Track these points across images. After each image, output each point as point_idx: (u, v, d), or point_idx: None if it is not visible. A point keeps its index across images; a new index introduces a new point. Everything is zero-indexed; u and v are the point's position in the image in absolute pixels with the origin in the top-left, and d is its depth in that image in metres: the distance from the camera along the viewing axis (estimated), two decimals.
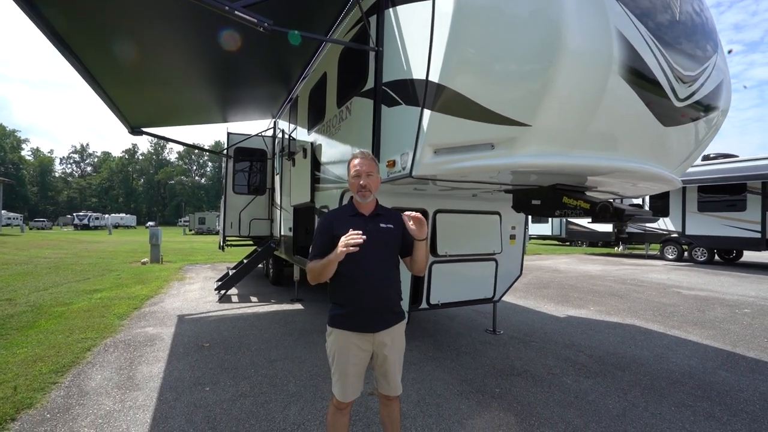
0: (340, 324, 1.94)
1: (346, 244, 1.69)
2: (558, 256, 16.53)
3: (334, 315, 1.97)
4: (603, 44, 1.99)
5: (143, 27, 4.12)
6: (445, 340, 4.76)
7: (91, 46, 4.22)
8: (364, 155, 1.96)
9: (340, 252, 1.71)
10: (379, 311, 1.92)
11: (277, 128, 7.83)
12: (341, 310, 1.94)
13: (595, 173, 2.41)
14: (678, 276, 10.63)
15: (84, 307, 6.00)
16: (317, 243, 1.97)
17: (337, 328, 1.94)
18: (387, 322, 1.95)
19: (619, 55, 2.01)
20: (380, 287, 1.90)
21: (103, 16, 3.80)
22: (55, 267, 10.64)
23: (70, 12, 3.56)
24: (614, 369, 3.94)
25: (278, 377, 3.59)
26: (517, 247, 4.95)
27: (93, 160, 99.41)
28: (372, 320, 1.91)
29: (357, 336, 1.91)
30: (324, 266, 1.82)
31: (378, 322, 1.92)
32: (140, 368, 3.73)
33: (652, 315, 6.19)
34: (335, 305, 1.98)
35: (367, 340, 1.93)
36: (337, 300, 1.97)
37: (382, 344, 1.94)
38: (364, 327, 1.91)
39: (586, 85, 2.03)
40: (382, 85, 2.90)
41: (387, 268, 1.94)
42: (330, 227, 1.94)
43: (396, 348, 1.99)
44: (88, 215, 54.51)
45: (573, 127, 2.13)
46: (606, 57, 2.00)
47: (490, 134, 2.18)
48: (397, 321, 2.00)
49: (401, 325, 2.03)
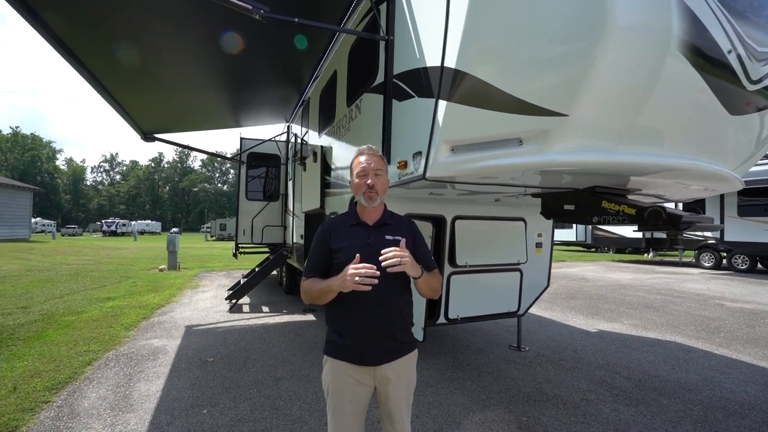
0: (335, 353, 1.63)
1: (357, 280, 1.42)
2: (584, 263, 15.77)
3: (330, 341, 1.67)
4: (660, 17, 1.63)
5: (149, 31, 3.99)
6: (464, 358, 4.38)
7: (96, 52, 4.10)
8: (371, 150, 1.67)
9: (348, 283, 1.43)
10: (380, 340, 1.60)
11: (290, 133, 7.66)
12: (337, 337, 1.63)
13: (643, 172, 2.03)
14: (718, 286, 9.85)
15: (94, 316, 5.90)
16: (313, 257, 1.68)
17: (333, 358, 1.64)
18: (390, 353, 1.62)
19: (679, 30, 1.64)
20: (383, 312, 1.58)
21: (106, 21, 3.67)
22: (76, 274, 10.76)
23: (71, 17, 3.43)
24: (658, 395, 3.47)
25: (282, 399, 3.30)
26: (544, 256, 4.54)
27: (122, 169, 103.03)
28: (371, 351, 1.59)
29: (354, 368, 1.60)
30: (322, 292, 1.54)
31: (378, 353, 1.60)
32: (138, 386, 3.51)
33: (695, 331, 5.62)
34: (331, 330, 1.68)
35: (367, 373, 1.61)
36: (333, 325, 1.67)
37: (384, 379, 1.62)
38: (362, 358, 1.59)
39: (638, 67, 1.67)
40: (393, 78, 2.61)
41: (392, 290, 1.62)
42: (327, 238, 1.66)
43: (402, 385, 1.65)
44: (115, 222, 56.29)
45: (619, 118, 1.77)
46: (664, 33, 1.64)
47: (517, 127, 1.84)
48: (403, 352, 1.66)
49: (410, 357, 1.69)
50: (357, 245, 1.60)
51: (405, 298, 1.70)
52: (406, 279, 1.73)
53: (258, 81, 5.56)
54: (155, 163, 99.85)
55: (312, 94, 5.60)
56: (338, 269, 1.59)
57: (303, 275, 1.68)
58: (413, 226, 1.75)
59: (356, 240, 1.62)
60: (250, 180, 8.09)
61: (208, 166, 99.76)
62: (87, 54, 3.99)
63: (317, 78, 5.30)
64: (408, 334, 1.71)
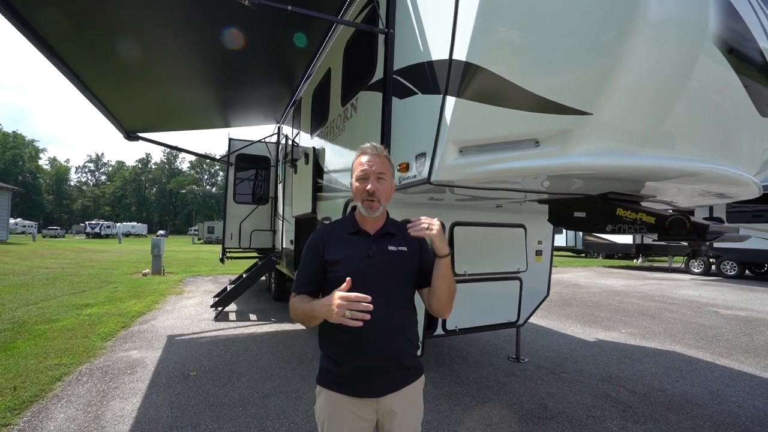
0: (331, 384, 1.41)
1: (347, 314, 1.22)
2: (576, 269, 15.77)
3: (324, 370, 1.45)
4: (696, 10, 1.47)
5: (131, 23, 3.73)
6: (462, 371, 4.18)
7: (74, 45, 3.84)
8: (376, 150, 1.45)
9: (334, 315, 1.23)
10: (384, 368, 1.39)
11: (281, 134, 7.42)
12: (332, 365, 1.41)
13: (665, 177, 1.86)
14: (710, 292, 9.85)
15: (69, 324, 5.56)
16: (303, 268, 1.46)
17: (328, 389, 1.42)
18: (395, 382, 1.42)
19: (716, 24, 1.49)
20: (387, 335, 1.36)
21: (84, 12, 3.41)
22: (53, 278, 10.30)
23: (44, 5, 3.17)
24: (666, 411, 3.32)
25: (269, 418, 3.06)
26: (544, 264, 4.39)
27: (107, 169, 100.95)
28: (374, 381, 1.38)
29: (353, 401, 1.38)
30: (307, 315, 1.35)
31: (382, 382, 1.39)
32: (112, 404, 3.23)
33: (694, 339, 5.52)
34: (325, 356, 1.46)
35: (369, 406, 1.39)
36: (328, 349, 1.45)
37: (389, 413, 1.40)
38: (363, 390, 1.38)
39: (670, 63, 1.51)
40: (393, 74, 2.42)
41: (397, 308, 1.42)
42: (320, 249, 1.44)
43: (409, 417, 1.44)
44: (99, 224, 54.92)
45: (647, 118, 1.61)
46: (699, 26, 1.48)
47: (534, 127, 1.66)
48: (410, 380, 1.45)
49: (417, 384, 1.48)
50: (356, 257, 1.40)
51: (411, 315, 1.51)
52: (412, 293, 1.53)
53: (248, 79, 5.32)
54: (142, 164, 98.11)
55: (304, 94, 5.38)
56: (334, 285, 1.37)
57: (292, 290, 1.47)
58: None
59: (355, 251, 1.42)
60: (239, 182, 7.81)
61: (196, 167, 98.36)
62: (64, 46, 3.72)
63: (310, 76, 5.09)
64: (415, 359, 1.51)
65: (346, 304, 1.22)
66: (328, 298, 1.27)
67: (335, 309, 1.22)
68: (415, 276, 1.50)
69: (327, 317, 1.26)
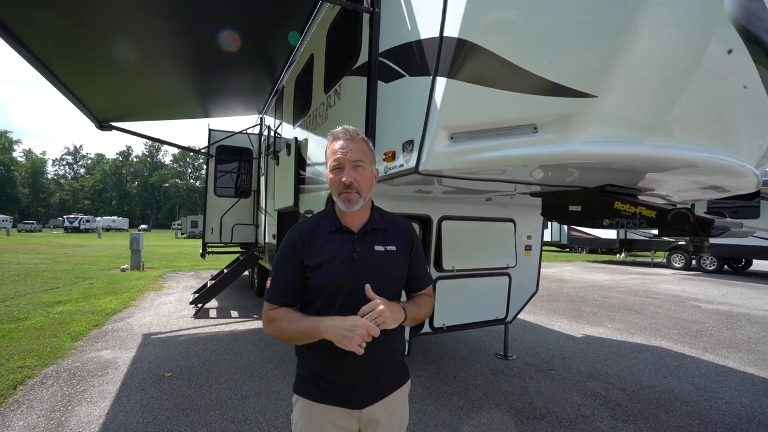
0: (310, 393, 1.26)
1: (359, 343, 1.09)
2: (560, 264, 15.91)
3: (302, 378, 1.30)
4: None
5: (101, 5, 3.45)
6: (449, 369, 4.08)
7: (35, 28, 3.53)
8: (349, 134, 1.25)
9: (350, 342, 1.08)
10: (370, 377, 1.25)
11: (263, 125, 7.17)
12: (312, 376, 1.26)
13: (669, 168, 1.75)
14: (691, 287, 10.01)
15: (38, 323, 5.26)
16: (280, 276, 1.26)
17: (306, 398, 1.27)
18: (382, 389, 1.28)
19: (732, 2, 1.37)
20: (376, 347, 1.18)
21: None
22: (25, 274, 9.84)
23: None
24: (655, 409, 3.27)
25: (248, 422, 2.89)
26: (533, 260, 4.31)
27: (86, 162, 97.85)
28: (357, 390, 1.24)
29: (336, 411, 1.24)
30: (301, 334, 1.18)
31: (368, 392, 1.25)
32: (78, 409, 3.01)
33: (678, 335, 5.54)
34: (304, 365, 1.30)
35: (350, 416, 1.25)
36: (307, 359, 1.29)
37: (372, 422, 1.27)
38: (347, 400, 1.24)
39: (682, 44, 1.38)
40: (379, 56, 2.25)
41: None
42: (299, 251, 1.24)
43: (394, 425, 1.31)
44: (78, 218, 53.34)
45: (654, 103, 1.48)
46: (713, 4, 1.36)
47: (532, 111, 1.52)
48: (396, 386, 1.32)
49: (403, 390, 1.35)
50: (339, 260, 1.23)
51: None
52: (399, 295, 1.38)
53: (227, 67, 5.06)
54: (123, 157, 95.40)
55: (287, 82, 5.16)
56: (315, 292, 1.23)
57: (265, 300, 1.26)
58: (411, 231, 1.37)
59: (338, 253, 1.24)
60: (220, 175, 7.54)
61: (179, 161, 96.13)
62: (23, 29, 3.41)
63: (292, 64, 4.87)
64: (401, 363, 1.38)
65: (367, 336, 1.09)
66: (343, 321, 1.11)
67: (356, 338, 1.07)
68: (403, 278, 1.34)
69: (339, 343, 1.09)
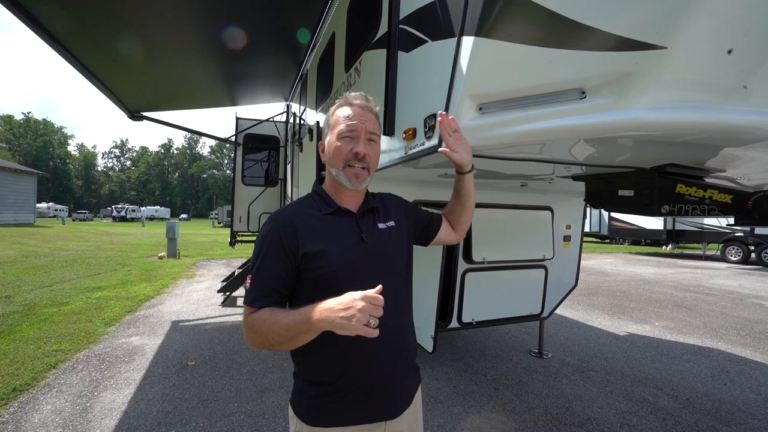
0: (325, 419, 1.04)
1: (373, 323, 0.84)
2: (600, 256, 15.08)
3: (312, 404, 1.05)
4: None
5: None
6: (479, 366, 3.84)
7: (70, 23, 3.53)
8: (367, 102, 1.11)
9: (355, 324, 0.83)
10: (394, 378, 1.07)
11: (289, 112, 7.07)
12: (321, 393, 1.04)
13: (754, 140, 1.41)
14: (751, 282, 9.13)
15: (76, 308, 5.48)
16: (263, 271, 1.02)
17: (320, 426, 1.04)
18: (407, 394, 1.12)
19: None
20: (397, 340, 1.03)
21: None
22: (72, 260, 10.42)
23: None
24: (714, 421, 2.90)
25: (266, 416, 2.80)
26: (573, 251, 3.97)
27: (132, 155, 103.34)
28: (386, 399, 1.06)
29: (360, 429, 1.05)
30: (293, 332, 0.92)
31: (395, 399, 1.08)
32: (103, 396, 3.04)
33: (738, 336, 4.99)
34: (310, 384, 1.07)
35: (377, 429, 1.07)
36: (315, 375, 1.06)
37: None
38: (374, 413, 1.05)
39: None
40: (399, 23, 2.01)
41: (398, 300, 1.09)
42: (287, 240, 1.02)
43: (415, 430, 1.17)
44: (125, 207, 56.52)
45: (741, 55, 1.16)
46: None
47: (581, 71, 1.24)
48: (415, 387, 1.17)
49: (419, 392, 1.20)
50: (347, 245, 1.04)
51: (410, 304, 1.20)
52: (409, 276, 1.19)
53: (252, 50, 4.96)
54: (165, 149, 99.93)
55: (310, 66, 5.00)
56: (318, 287, 1.00)
57: (245, 303, 1.02)
58: (400, 200, 1.31)
59: (343, 237, 1.05)
60: (247, 163, 7.54)
61: (216, 152, 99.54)
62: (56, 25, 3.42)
63: (315, 46, 4.70)
64: (414, 357, 1.20)
65: (372, 308, 0.84)
66: (337, 302, 0.87)
67: (357, 315, 0.83)
68: (410, 253, 1.22)
69: (339, 328, 0.86)
